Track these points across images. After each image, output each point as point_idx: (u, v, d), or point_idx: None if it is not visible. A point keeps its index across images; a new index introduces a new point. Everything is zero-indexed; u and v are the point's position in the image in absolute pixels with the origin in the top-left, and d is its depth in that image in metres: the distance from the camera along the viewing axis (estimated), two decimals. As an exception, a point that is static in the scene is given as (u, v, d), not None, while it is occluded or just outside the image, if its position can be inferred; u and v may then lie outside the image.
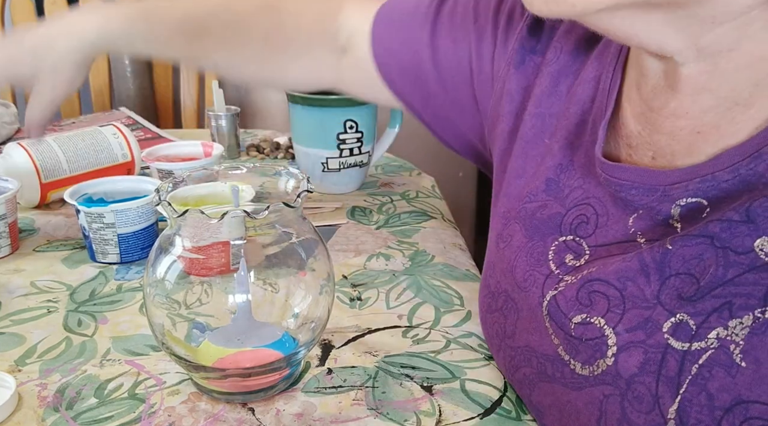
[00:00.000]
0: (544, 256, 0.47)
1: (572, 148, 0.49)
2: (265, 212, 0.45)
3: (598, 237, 0.44)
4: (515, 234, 0.51)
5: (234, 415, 0.49)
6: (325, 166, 0.91)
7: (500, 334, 0.50)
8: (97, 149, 0.89)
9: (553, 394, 0.44)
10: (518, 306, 0.48)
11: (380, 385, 0.52)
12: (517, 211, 0.51)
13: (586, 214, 0.46)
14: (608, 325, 0.41)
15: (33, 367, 0.54)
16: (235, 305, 0.49)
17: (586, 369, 0.42)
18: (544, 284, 0.46)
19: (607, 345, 0.40)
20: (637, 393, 0.38)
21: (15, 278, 0.69)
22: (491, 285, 0.53)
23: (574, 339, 0.42)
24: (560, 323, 0.44)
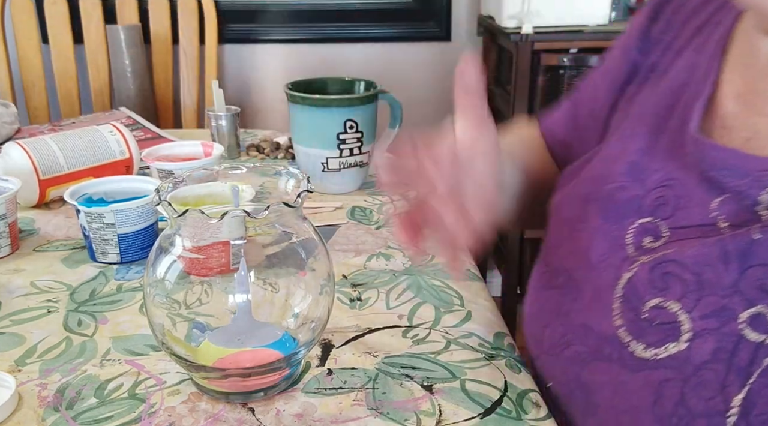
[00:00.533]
0: (622, 238, 0.47)
1: (658, 132, 0.49)
2: (265, 212, 0.45)
3: (677, 219, 0.44)
4: (591, 216, 0.50)
5: (234, 415, 0.49)
6: (325, 166, 0.91)
7: (554, 310, 0.50)
8: (95, 146, 0.89)
9: (608, 373, 0.44)
10: (581, 286, 0.48)
11: (380, 386, 0.52)
12: (596, 193, 0.51)
13: (666, 195, 0.46)
14: (683, 310, 0.41)
15: (33, 367, 0.54)
16: (235, 305, 0.49)
17: (649, 352, 0.41)
18: (620, 266, 0.46)
19: (680, 331, 0.40)
20: (703, 379, 0.38)
21: (15, 278, 0.69)
22: (552, 263, 0.52)
23: (644, 322, 0.42)
24: (632, 305, 0.44)
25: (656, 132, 0.49)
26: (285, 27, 1.93)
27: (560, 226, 0.55)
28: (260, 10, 1.90)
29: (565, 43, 1.65)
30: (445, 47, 1.98)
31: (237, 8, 1.89)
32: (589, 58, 1.67)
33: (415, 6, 1.93)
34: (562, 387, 0.49)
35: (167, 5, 1.77)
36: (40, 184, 0.85)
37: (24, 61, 1.75)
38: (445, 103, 2.05)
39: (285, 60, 1.97)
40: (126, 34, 1.69)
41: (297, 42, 1.95)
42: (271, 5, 1.90)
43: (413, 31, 1.96)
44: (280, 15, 1.92)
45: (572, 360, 0.47)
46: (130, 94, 1.73)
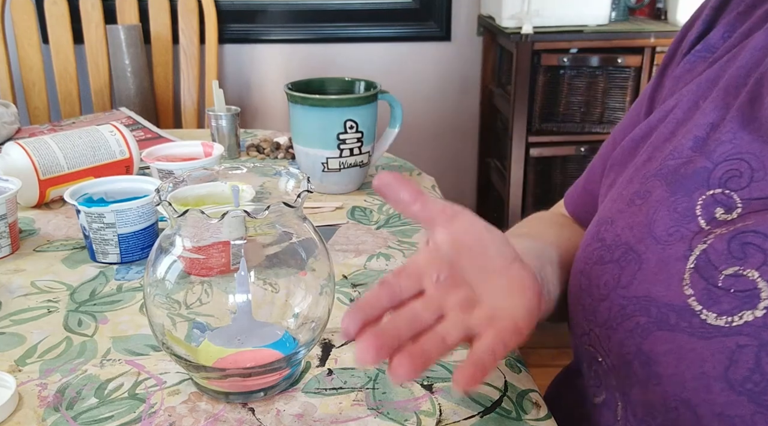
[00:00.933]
0: (691, 211, 0.47)
1: (727, 107, 0.49)
2: (266, 212, 0.45)
3: (752, 190, 0.45)
4: (654, 190, 0.50)
5: (234, 415, 0.49)
6: (325, 166, 0.91)
7: (611, 284, 0.49)
8: (95, 146, 0.89)
9: (672, 342, 0.44)
10: (642, 257, 0.48)
11: (380, 386, 0.52)
12: (658, 168, 0.51)
13: (740, 169, 0.46)
14: (762, 278, 0.41)
15: (33, 367, 0.54)
16: (235, 305, 0.49)
17: (722, 319, 0.42)
18: (692, 239, 0.46)
19: (759, 297, 0.41)
20: None
21: (15, 278, 0.69)
22: (607, 239, 0.52)
23: (720, 289, 0.43)
24: (706, 275, 0.44)
25: (724, 106, 0.49)
26: (285, 27, 1.93)
27: (614, 203, 0.54)
28: (260, 10, 1.90)
29: (565, 43, 1.65)
30: (445, 47, 1.98)
31: (237, 8, 1.89)
32: (589, 58, 1.67)
33: (416, 6, 1.93)
34: (616, 359, 0.49)
35: (167, 5, 1.77)
36: (40, 184, 0.85)
37: (24, 61, 1.75)
38: (445, 102, 2.05)
39: (285, 60, 1.98)
40: (126, 34, 1.69)
41: (297, 42, 1.95)
42: (271, 5, 1.90)
43: (413, 31, 1.96)
44: (280, 15, 1.92)
45: (632, 332, 0.47)
46: (130, 94, 1.73)
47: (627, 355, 0.47)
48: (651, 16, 1.89)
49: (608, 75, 1.68)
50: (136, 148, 0.93)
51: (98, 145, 0.90)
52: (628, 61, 1.65)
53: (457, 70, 2.01)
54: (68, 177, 0.86)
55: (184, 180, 0.52)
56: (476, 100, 2.03)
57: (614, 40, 1.65)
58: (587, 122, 1.73)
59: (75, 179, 0.86)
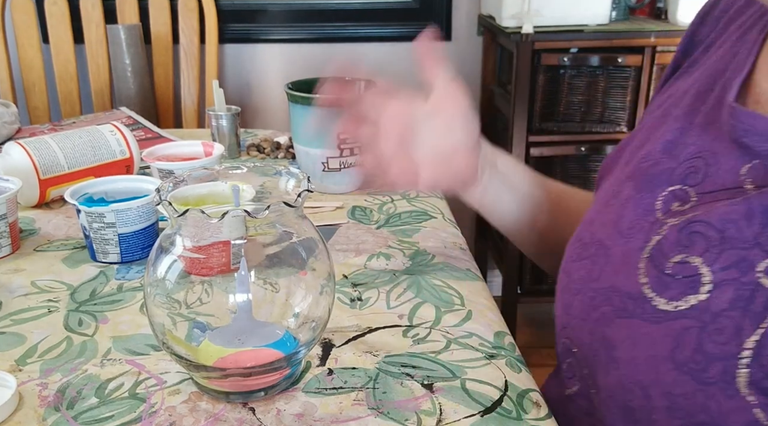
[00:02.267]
0: (651, 205, 0.50)
1: (693, 112, 0.53)
2: (266, 212, 0.45)
3: (705, 185, 0.48)
4: (625, 189, 0.54)
5: (234, 414, 0.49)
6: (325, 166, 0.91)
7: (585, 278, 0.53)
8: (95, 146, 0.89)
9: (629, 328, 0.47)
10: (610, 252, 0.51)
11: (381, 385, 0.52)
12: (631, 171, 0.55)
13: (697, 165, 0.49)
14: (705, 263, 0.44)
15: (34, 367, 0.54)
16: (235, 305, 0.49)
17: (671, 304, 0.45)
18: (649, 230, 0.49)
19: (701, 283, 0.43)
20: (720, 326, 0.41)
21: (16, 278, 0.69)
22: (584, 238, 0.55)
23: (667, 276, 0.45)
24: (657, 263, 0.47)
25: (692, 112, 0.53)
26: (285, 27, 1.93)
27: (594, 205, 0.58)
28: (261, 9, 1.90)
29: (566, 42, 1.65)
30: (445, 47, 1.98)
31: (237, 8, 1.89)
32: (590, 58, 1.67)
33: (416, 6, 1.93)
34: (587, 349, 0.51)
35: (167, 5, 1.77)
36: (41, 184, 0.85)
37: (24, 61, 1.75)
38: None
39: (285, 60, 1.98)
40: (126, 34, 1.69)
41: (297, 42, 1.95)
42: (271, 5, 1.90)
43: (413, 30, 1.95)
44: (280, 15, 1.92)
45: (598, 321, 0.50)
46: (130, 94, 1.73)
47: (594, 343, 0.50)
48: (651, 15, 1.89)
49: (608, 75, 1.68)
50: (136, 147, 0.93)
51: (98, 145, 0.90)
52: (628, 61, 1.65)
53: (457, 69, 2.00)
54: (68, 177, 0.86)
55: (185, 180, 0.52)
56: (476, 99, 2.03)
57: (614, 39, 1.65)
58: (587, 122, 1.73)
59: (75, 179, 0.86)
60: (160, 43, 1.79)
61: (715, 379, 0.41)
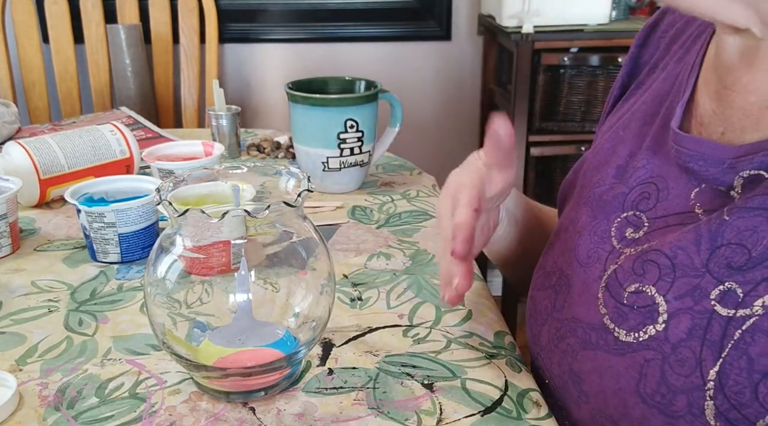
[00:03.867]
0: (607, 233, 0.50)
1: (642, 136, 0.53)
2: (266, 212, 0.45)
3: (657, 210, 0.48)
4: (581, 216, 0.54)
5: (235, 414, 0.49)
6: (325, 166, 0.91)
7: (549, 308, 0.52)
8: (95, 146, 0.89)
9: (594, 360, 0.46)
10: (570, 281, 0.51)
11: (381, 385, 0.52)
12: (587, 197, 0.54)
13: (649, 191, 0.49)
14: (659, 293, 0.43)
15: (34, 367, 0.54)
16: (235, 304, 0.49)
17: (631, 336, 0.44)
18: (606, 259, 0.49)
19: (658, 312, 0.43)
20: (681, 357, 0.41)
21: (16, 278, 0.69)
22: (547, 265, 0.55)
23: (625, 307, 0.45)
24: (614, 293, 0.46)
25: (641, 135, 0.53)
26: (285, 26, 1.93)
27: (556, 232, 0.58)
28: (261, 9, 1.90)
29: (566, 42, 1.65)
30: (445, 46, 1.98)
31: (237, 8, 1.89)
32: (590, 58, 1.66)
33: (416, 5, 1.93)
34: (557, 380, 0.51)
35: (168, 5, 1.77)
36: (41, 184, 0.85)
37: (24, 60, 1.75)
38: (446, 102, 2.05)
39: (285, 59, 1.97)
40: (126, 34, 1.69)
41: (297, 41, 1.95)
42: (271, 5, 1.90)
43: (413, 30, 1.96)
44: (280, 14, 1.92)
45: (565, 352, 0.50)
46: (130, 94, 1.73)
47: (563, 375, 0.50)
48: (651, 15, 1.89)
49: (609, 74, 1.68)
50: (136, 147, 0.93)
51: (99, 145, 0.90)
52: (628, 61, 1.65)
53: (458, 69, 2.01)
54: (69, 176, 0.86)
55: (185, 179, 0.52)
56: (476, 99, 2.03)
57: (615, 39, 1.64)
58: (588, 121, 1.73)
59: (75, 179, 0.86)
60: (160, 43, 1.79)
61: (682, 412, 0.40)
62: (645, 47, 0.60)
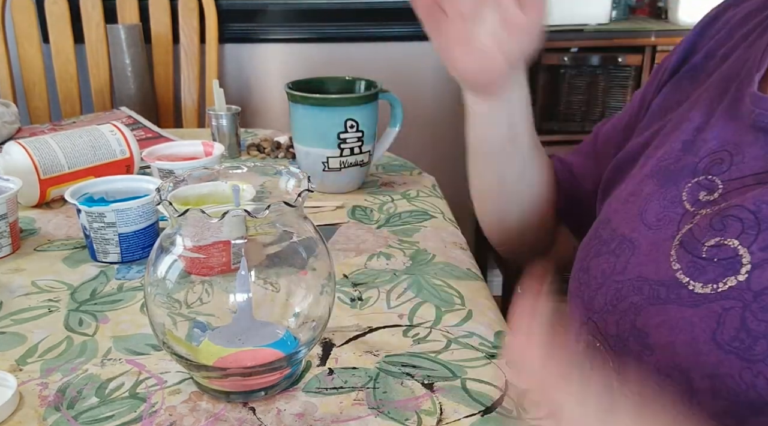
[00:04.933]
0: (678, 197, 0.51)
1: (710, 112, 0.53)
2: (266, 211, 0.45)
3: (732, 172, 0.48)
4: (646, 186, 0.54)
5: (235, 414, 0.49)
6: (325, 166, 0.91)
7: (607, 272, 0.53)
8: (95, 146, 0.89)
9: (664, 314, 0.47)
10: (636, 244, 0.52)
11: (381, 385, 0.52)
12: (650, 170, 0.55)
13: (722, 157, 0.50)
14: (742, 245, 0.44)
15: (34, 367, 0.54)
16: (235, 304, 0.49)
17: (708, 287, 0.45)
18: (680, 221, 0.49)
19: (741, 263, 0.44)
20: (764, 303, 0.42)
21: (16, 278, 0.69)
22: (603, 235, 0.56)
23: (703, 260, 0.46)
24: (690, 248, 0.47)
25: (708, 112, 0.54)
26: (285, 26, 1.93)
27: (610, 205, 0.58)
28: (261, 9, 1.90)
29: (566, 42, 1.65)
30: (445, 46, 1.98)
31: (238, 8, 1.89)
32: (590, 57, 1.67)
33: (416, 5, 1.93)
34: (613, 340, 0.51)
35: (168, 4, 1.77)
36: (41, 184, 0.85)
37: (24, 60, 1.75)
38: (446, 102, 2.05)
39: (285, 59, 1.97)
40: (126, 34, 1.69)
41: (297, 41, 1.95)
42: (271, 5, 1.90)
43: (414, 30, 1.95)
44: (280, 14, 1.91)
45: (626, 311, 0.50)
46: (130, 94, 1.73)
47: (623, 334, 0.50)
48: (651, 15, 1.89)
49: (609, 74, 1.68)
50: (136, 147, 0.93)
51: (99, 145, 0.90)
52: (628, 60, 1.65)
53: (458, 69, 2.01)
54: (69, 176, 0.86)
55: (185, 179, 0.52)
56: (477, 99, 2.03)
57: (615, 39, 1.65)
58: (588, 121, 1.73)
59: (75, 179, 0.86)
60: (160, 43, 1.79)
61: (762, 356, 0.41)
62: (701, 37, 0.61)
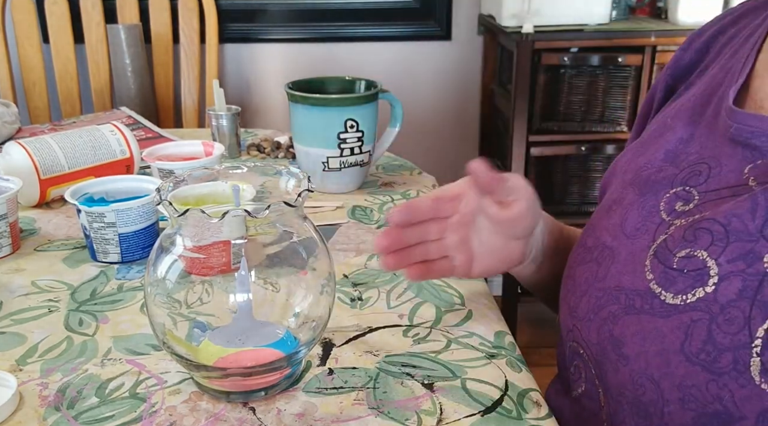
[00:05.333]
0: (656, 207, 0.51)
1: (694, 123, 0.54)
2: (266, 211, 0.45)
3: (709, 184, 0.49)
4: (627, 195, 0.55)
5: (235, 414, 0.49)
6: (325, 166, 0.91)
7: (590, 279, 0.54)
8: (95, 146, 0.89)
9: (638, 324, 0.47)
10: (615, 253, 0.52)
11: (381, 385, 0.52)
12: (632, 178, 0.56)
13: (700, 169, 0.51)
14: (711, 257, 0.45)
15: (34, 367, 0.54)
16: (236, 304, 0.49)
17: (678, 298, 0.45)
18: (656, 231, 0.50)
19: (708, 275, 0.44)
20: (729, 316, 0.42)
21: (16, 278, 0.69)
22: (588, 242, 0.57)
23: (674, 271, 0.46)
24: (663, 259, 0.48)
25: (692, 123, 0.54)
26: (285, 26, 1.93)
27: (596, 213, 0.59)
28: (261, 9, 1.90)
29: (566, 42, 1.65)
30: (445, 46, 1.98)
31: (237, 8, 1.89)
32: (590, 57, 1.66)
33: (416, 5, 1.93)
34: (594, 348, 0.52)
35: (168, 5, 1.77)
36: (41, 184, 0.85)
37: (25, 60, 1.75)
38: (446, 102, 2.05)
39: (285, 59, 1.97)
40: (126, 34, 1.69)
41: (297, 41, 1.95)
42: (271, 5, 1.90)
43: (414, 30, 1.96)
44: (280, 14, 1.92)
45: (605, 320, 0.51)
46: (130, 94, 1.73)
47: (602, 342, 0.51)
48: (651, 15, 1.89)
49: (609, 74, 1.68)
50: (136, 147, 0.93)
51: (99, 145, 0.90)
52: (628, 60, 1.65)
53: (458, 69, 2.01)
54: (69, 176, 0.86)
55: (185, 179, 0.52)
56: (476, 99, 2.03)
57: (615, 39, 1.65)
58: (588, 121, 1.73)
59: (76, 179, 0.86)
60: (160, 43, 1.79)
61: (727, 369, 0.42)
62: (692, 51, 0.61)
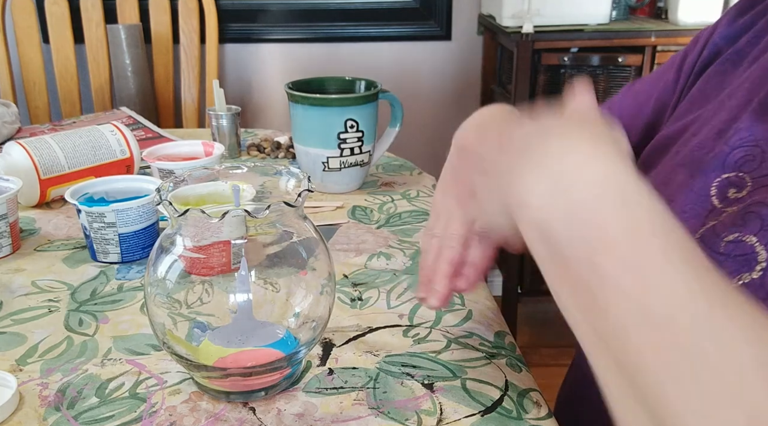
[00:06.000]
0: (706, 191, 0.51)
1: (747, 104, 0.53)
2: (266, 212, 0.45)
3: (763, 169, 0.48)
4: (677, 176, 0.54)
5: (235, 414, 0.49)
6: (325, 166, 0.91)
7: None
8: (95, 146, 0.89)
9: None
10: None
11: (381, 385, 0.52)
12: (682, 159, 0.55)
13: (754, 153, 0.49)
14: (760, 242, 0.44)
15: (34, 367, 0.54)
16: (236, 304, 0.49)
17: None
18: (706, 216, 0.49)
19: (756, 260, 0.44)
20: None
21: (16, 278, 0.69)
22: None
23: (721, 255, 0.46)
24: (709, 242, 0.47)
25: (745, 103, 0.53)
26: (285, 26, 1.93)
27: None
28: (261, 9, 1.90)
29: (566, 42, 1.65)
30: (445, 46, 1.98)
31: (237, 8, 1.89)
32: (590, 57, 1.67)
33: (416, 5, 1.93)
34: None
35: (168, 5, 1.77)
36: (41, 184, 0.85)
37: (25, 60, 1.75)
38: (446, 102, 2.05)
39: (285, 59, 1.97)
40: (126, 34, 1.69)
41: (297, 41, 1.95)
42: (271, 5, 1.90)
43: (414, 30, 1.96)
44: (280, 14, 1.92)
45: None
46: (130, 94, 1.73)
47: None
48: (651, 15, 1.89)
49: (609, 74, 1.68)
50: (136, 147, 0.93)
51: (99, 145, 0.90)
52: (628, 61, 1.65)
53: (458, 69, 2.01)
54: (69, 176, 0.86)
55: (185, 179, 0.52)
56: (476, 99, 2.03)
57: (615, 39, 1.65)
58: (588, 121, 1.73)
59: (76, 179, 0.86)
60: (160, 43, 1.79)
61: None
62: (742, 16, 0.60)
